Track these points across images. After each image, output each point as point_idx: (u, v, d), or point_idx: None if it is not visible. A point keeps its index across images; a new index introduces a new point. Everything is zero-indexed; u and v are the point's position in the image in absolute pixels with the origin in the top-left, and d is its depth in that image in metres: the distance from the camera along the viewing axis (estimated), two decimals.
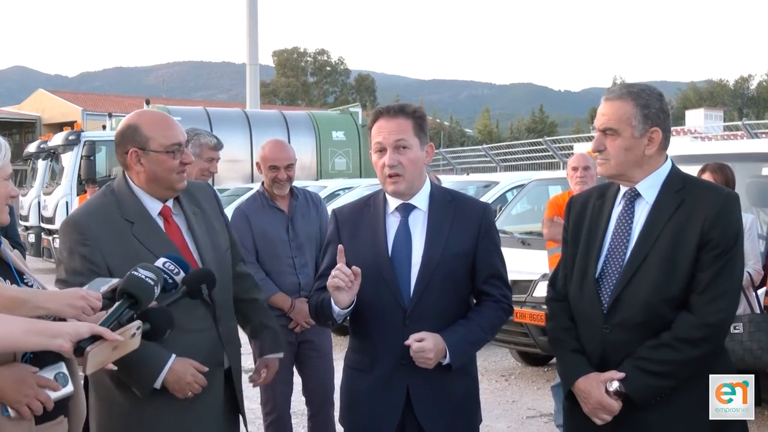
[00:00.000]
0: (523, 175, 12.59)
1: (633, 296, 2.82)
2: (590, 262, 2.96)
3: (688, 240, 2.77)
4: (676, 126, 30.29)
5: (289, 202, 5.03)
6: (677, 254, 2.77)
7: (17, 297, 2.45)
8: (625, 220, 2.93)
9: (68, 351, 2.29)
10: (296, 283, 4.95)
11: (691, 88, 79.35)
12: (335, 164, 22.04)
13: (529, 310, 7.28)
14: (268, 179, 4.97)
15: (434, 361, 2.95)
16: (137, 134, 3.10)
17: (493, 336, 3.25)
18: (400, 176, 3.03)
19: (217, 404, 3.22)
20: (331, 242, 3.22)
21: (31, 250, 18.62)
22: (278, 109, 32.06)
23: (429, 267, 3.04)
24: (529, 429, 6.67)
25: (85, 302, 2.50)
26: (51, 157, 19.30)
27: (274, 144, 5.06)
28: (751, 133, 16.76)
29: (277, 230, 4.95)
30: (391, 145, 3.03)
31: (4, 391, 2.36)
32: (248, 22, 28.38)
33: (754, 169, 6.78)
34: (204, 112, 21.80)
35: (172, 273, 2.77)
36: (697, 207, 2.78)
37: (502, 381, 8.32)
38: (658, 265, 2.79)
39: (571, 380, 2.91)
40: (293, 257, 4.94)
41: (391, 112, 3.08)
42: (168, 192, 3.19)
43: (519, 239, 8.30)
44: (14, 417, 2.40)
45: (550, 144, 22.95)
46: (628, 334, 2.83)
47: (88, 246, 3.02)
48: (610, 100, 2.90)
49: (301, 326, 4.93)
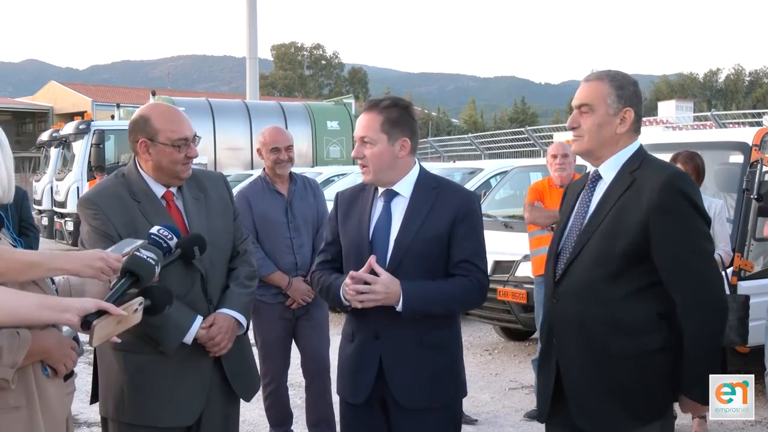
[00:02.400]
0: (506, 163, 12.62)
1: (576, 269, 2.83)
2: (555, 238, 3.01)
3: (630, 217, 2.73)
4: (649, 116, 30.32)
5: (288, 187, 5.06)
6: (618, 230, 2.74)
7: (30, 260, 2.45)
8: (585, 200, 2.94)
9: (76, 324, 2.33)
10: (293, 262, 4.97)
11: (663, 81, 79.35)
12: (330, 152, 22.02)
13: (511, 289, 7.30)
14: (270, 162, 5.00)
15: (383, 300, 2.92)
16: (148, 125, 3.17)
17: (460, 306, 3.17)
18: (366, 167, 3.09)
19: (206, 379, 3.23)
20: (330, 221, 3.33)
21: (44, 233, 18.60)
22: (276, 100, 31.85)
23: (400, 249, 3.03)
24: (511, 400, 6.69)
25: (104, 263, 2.53)
26: (63, 145, 19.22)
27: (272, 129, 5.12)
28: (719, 123, 16.80)
29: (277, 213, 4.97)
30: (358, 139, 3.10)
31: (52, 351, 2.43)
32: (248, 17, 28.21)
33: (722, 157, 6.78)
34: (207, 103, 21.74)
35: (166, 238, 2.85)
36: (644, 185, 2.74)
37: (486, 355, 8.34)
38: (600, 240, 2.78)
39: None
40: (291, 238, 4.97)
41: (366, 108, 3.12)
42: (172, 180, 3.24)
43: (502, 223, 8.31)
44: (51, 376, 2.47)
45: (531, 133, 22.96)
46: (567, 305, 2.84)
47: (99, 219, 3.12)
48: (588, 81, 2.91)
49: (298, 303, 4.95)
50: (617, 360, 2.75)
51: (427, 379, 3.05)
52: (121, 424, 3.17)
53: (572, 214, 2.98)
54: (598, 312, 2.77)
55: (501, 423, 6.08)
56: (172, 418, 3.16)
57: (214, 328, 3.18)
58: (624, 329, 2.74)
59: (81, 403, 5.55)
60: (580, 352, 2.83)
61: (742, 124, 19.02)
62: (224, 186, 3.50)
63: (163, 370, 3.14)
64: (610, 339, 2.75)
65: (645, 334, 2.74)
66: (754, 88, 74.32)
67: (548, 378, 2.97)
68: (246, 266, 3.44)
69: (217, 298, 3.28)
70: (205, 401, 3.21)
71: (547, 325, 3.00)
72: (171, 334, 3.08)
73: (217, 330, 3.18)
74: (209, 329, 3.17)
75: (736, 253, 5.85)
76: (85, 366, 6.58)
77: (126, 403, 3.14)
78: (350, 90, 71.35)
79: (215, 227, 3.30)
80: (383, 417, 3.13)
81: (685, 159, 5.53)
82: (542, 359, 3.07)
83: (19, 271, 2.41)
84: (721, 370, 5.11)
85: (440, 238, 3.05)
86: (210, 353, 3.20)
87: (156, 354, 3.12)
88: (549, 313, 2.97)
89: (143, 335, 3.04)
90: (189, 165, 3.23)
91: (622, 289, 2.74)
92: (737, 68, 78.64)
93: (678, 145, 6.45)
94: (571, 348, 2.86)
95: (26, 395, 2.38)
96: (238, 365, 3.36)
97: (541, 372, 3.09)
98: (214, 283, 3.27)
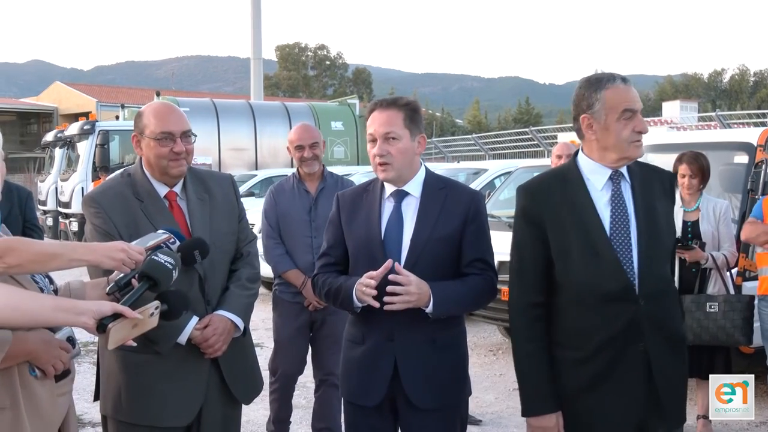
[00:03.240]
0: (510, 163, 12.60)
1: (654, 269, 2.81)
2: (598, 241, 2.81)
3: (661, 215, 2.83)
4: (653, 117, 30.26)
5: (317, 185, 5.04)
6: (659, 231, 2.83)
7: (48, 252, 2.45)
8: (618, 200, 2.85)
9: (92, 327, 2.32)
10: (311, 262, 4.84)
11: (667, 81, 78.96)
12: (334, 152, 21.98)
13: None
14: (297, 160, 5.01)
15: (415, 303, 2.92)
16: (140, 120, 3.22)
17: (477, 305, 3.20)
18: (388, 164, 3.05)
19: (203, 379, 3.22)
20: (332, 223, 3.29)
21: (49, 233, 18.61)
22: (280, 100, 31.83)
23: (416, 249, 3.04)
24: (515, 400, 6.64)
25: (125, 255, 2.55)
26: (67, 146, 19.25)
27: (298, 127, 5.13)
28: (723, 124, 16.74)
29: (299, 211, 4.97)
30: (381, 136, 3.05)
31: (37, 353, 2.41)
32: (252, 18, 28.20)
33: (727, 158, 6.76)
34: (211, 103, 21.73)
35: (168, 242, 2.86)
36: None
37: (490, 355, 8.34)
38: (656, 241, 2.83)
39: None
40: (312, 237, 4.94)
41: (384, 105, 3.10)
42: (165, 177, 3.23)
43: (506, 223, 8.28)
44: (40, 377, 2.45)
45: (535, 134, 22.92)
46: (653, 306, 2.80)
47: (101, 218, 3.14)
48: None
49: (314, 305, 4.92)
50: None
51: (439, 379, 3.07)
52: (120, 423, 3.17)
53: (603, 217, 2.85)
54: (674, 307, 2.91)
55: (505, 423, 6.08)
56: (169, 418, 3.16)
57: (208, 330, 3.16)
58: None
59: (86, 403, 5.56)
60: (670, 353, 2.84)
61: (747, 124, 18.96)
62: (231, 187, 3.50)
63: (161, 370, 3.14)
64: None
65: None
66: (758, 89, 74.09)
67: (638, 385, 2.78)
68: (248, 268, 3.42)
69: (217, 299, 3.27)
70: (203, 402, 3.21)
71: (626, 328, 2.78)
72: (166, 334, 3.07)
73: (212, 331, 3.17)
74: (204, 330, 3.16)
75: (741, 254, 5.84)
76: (90, 366, 6.60)
77: (124, 402, 3.14)
78: (354, 90, 71.28)
79: (218, 228, 3.29)
80: (392, 418, 3.13)
81: (690, 159, 5.54)
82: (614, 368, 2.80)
83: (39, 262, 2.42)
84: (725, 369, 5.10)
85: (452, 238, 3.07)
86: (204, 355, 3.19)
87: (154, 354, 3.11)
88: (634, 316, 2.76)
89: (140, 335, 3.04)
90: (179, 161, 3.19)
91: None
92: (742, 68, 78.34)
93: (682, 146, 6.44)
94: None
95: (10, 396, 2.36)
96: (238, 367, 3.34)
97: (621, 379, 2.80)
98: (214, 284, 3.26)
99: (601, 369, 2.76)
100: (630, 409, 2.75)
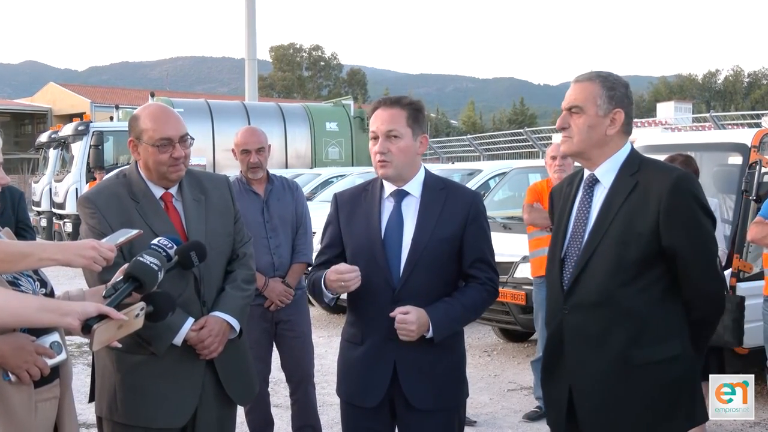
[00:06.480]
0: (504, 164, 12.61)
1: (589, 279, 2.77)
2: (557, 244, 2.95)
3: (639, 222, 2.71)
4: (647, 117, 30.33)
5: (265, 187, 5.01)
6: (628, 236, 2.72)
7: (21, 251, 2.43)
8: (584, 205, 2.89)
9: (76, 328, 2.31)
10: (271, 263, 4.90)
11: (662, 82, 79.28)
12: (329, 153, 22.02)
13: (510, 290, 7.28)
14: (242, 164, 4.96)
15: (417, 333, 2.95)
16: (136, 125, 3.18)
17: (477, 315, 3.22)
18: (388, 162, 3.05)
19: (198, 381, 3.21)
20: (330, 223, 3.27)
21: (42, 234, 18.61)
22: (275, 101, 31.80)
23: (417, 249, 3.04)
24: (510, 401, 6.69)
25: (96, 252, 2.53)
26: (62, 147, 19.23)
27: (245, 130, 5.07)
28: (718, 125, 16.75)
29: (253, 213, 4.87)
30: (383, 133, 3.05)
31: (6, 357, 2.37)
32: (247, 19, 28.19)
33: (721, 158, 6.78)
34: (206, 104, 21.75)
35: (166, 247, 2.83)
36: (650, 188, 2.72)
37: (485, 356, 8.33)
38: (611, 248, 2.74)
39: None
40: (268, 238, 4.91)
41: (387, 103, 3.10)
42: (163, 181, 3.22)
43: (501, 224, 8.30)
44: (15, 382, 2.41)
45: (530, 134, 22.90)
46: (584, 316, 2.78)
47: (96, 218, 3.13)
48: (579, 82, 2.89)
49: (276, 305, 4.88)
50: (640, 369, 2.72)
51: (438, 380, 3.07)
52: (115, 424, 3.16)
53: (571, 219, 2.93)
54: (623, 321, 2.73)
55: (500, 424, 6.08)
56: (164, 419, 3.15)
57: (204, 331, 3.16)
58: (650, 336, 2.72)
59: (80, 404, 5.54)
60: (599, 363, 2.77)
61: (741, 125, 19.00)
62: (227, 188, 3.49)
63: (156, 371, 3.13)
64: (635, 348, 2.71)
65: (669, 340, 2.74)
66: (752, 90, 74.41)
67: (562, 391, 2.88)
68: (244, 269, 3.41)
69: (212, 300, 3.26)
70: (198, 403, 3.20)
71: (556, 337, 2.90)
72: (161, 335, 3.07)
73: (207, 332, 3.16)
74: (199, 332, 3.15)
75: (735, 255, 5.85)
76: (84, 367, 6.59)
77: (119, 403, 3.14)
78: (349, 91, 71.34)
79: (213, 229, 3.29)
80: (390, 419, 3.14)
81: (681, 165, 5.52)
82: (550, 372, 2.98)
83: (9, 261, 2.39)
84: (719, 370, 5.12)
85: (453, 238, 3.08)
86: (200, 356, 3.19)
87: (149, 354, 3.11)
88: (559, 324, 2.87)
89: (135, 336, 3.00)
90: (178, 166, 3.18)
91: (645, 295, 2.71)
92: (736, 69, 78.71)
93: (677, 147, 6.46)
94: (589, 359, 2.79)
95: None
96: (233, 369, 3.34)
97: (550, 385, 2.99)
98: (209, 285, 3.26)
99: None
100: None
